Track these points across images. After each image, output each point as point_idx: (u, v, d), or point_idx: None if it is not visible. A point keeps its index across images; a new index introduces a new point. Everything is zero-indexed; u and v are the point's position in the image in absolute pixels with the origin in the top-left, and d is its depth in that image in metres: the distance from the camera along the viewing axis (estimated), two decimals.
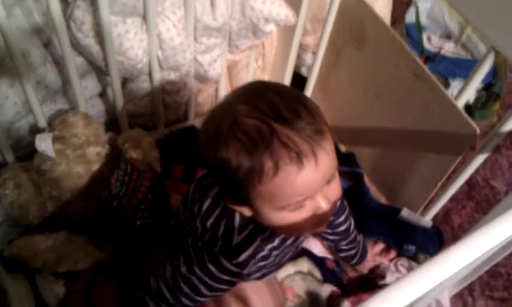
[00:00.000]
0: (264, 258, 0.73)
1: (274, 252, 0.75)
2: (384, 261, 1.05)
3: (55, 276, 0.92)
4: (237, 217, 0.71)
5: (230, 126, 0.60)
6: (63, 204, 0.91)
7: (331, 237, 0.94)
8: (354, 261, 1.01)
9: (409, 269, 1.01)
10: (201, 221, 0.75)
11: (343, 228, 0.92)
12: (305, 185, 0.59)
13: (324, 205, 0.63)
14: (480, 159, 0.89)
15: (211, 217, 0.73)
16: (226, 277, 0.73)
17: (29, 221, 0.95)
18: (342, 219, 0.91)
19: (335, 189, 0.65)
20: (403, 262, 1.02)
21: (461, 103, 0.93)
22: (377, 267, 1.05)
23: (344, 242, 0.96)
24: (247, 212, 0.66)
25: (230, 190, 0.65)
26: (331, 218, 0.90)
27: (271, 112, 0.58)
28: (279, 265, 0.85)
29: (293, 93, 0.63)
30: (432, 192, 1.04)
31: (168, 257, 0.81)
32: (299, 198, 0.61)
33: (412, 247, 1.03)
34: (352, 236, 0.95)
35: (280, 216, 0.63)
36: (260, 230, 0.71)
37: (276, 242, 0.73)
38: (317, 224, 0.65)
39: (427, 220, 1.06)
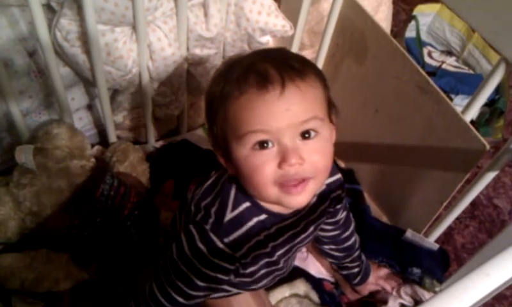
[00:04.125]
0: (260, 245, 0.71)
1: (271, 244, 0.72)
2: (386, 286, 1.01)
3: (33, 298, 0.87)
4: (232, 194, 0.70)
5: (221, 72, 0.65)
6: (43, 220, 0.88)
7: (336, 254, 0.92)
8: (357, 280, 0.97)
9: (412, 296, 0.98)
10: (196, 203, 0.72)
11: (349, 243, 0.90)
12: (266, 112, 0.59)
13: (290, 156, 0.59)
14: (489, 177, 0.85)
15: (208, 198, 0.72)
16: (218, 262, 0.68)
17: (6, 238, 0.91)
18: (348, 233, 0.88)
19: (312, 149, 0.61)
20: (406, 290, 0.98)
21: (468, 119, 0.89)
22: (378, 291, 1.01)
23: (349, 259, 0.93)
24: (230, 167, 0.67)
25: (215, 131, 0.66)
26: (337, 232, 0.87)
27: (265, 58, 0.63)
28: (277, 269, 0.80)
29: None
30: (437, 211, 1.00)
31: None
32: (260, 127, 0.59)
33: (417, 271, 0.99)
34: (357, 253, 0.93)
35: (244, 153, 0.62)
36: (254, 211, 0.69)
37: (263, 216, 0.70)
38: (283, 181, 0.61)
39: (433, 242, 1.01)
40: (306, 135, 0.61)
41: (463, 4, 0.83)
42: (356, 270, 0.95)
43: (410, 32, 1.67)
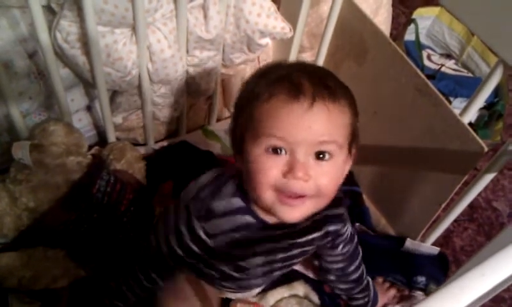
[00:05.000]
0: (235, 243, 0.71)
1: (247, 247, 0.72)
2: (389, 303, 1.00)
3: (30, 297, 0.87)
4: (229, 186, 0.71)
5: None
6: (39, 216, 0.88)
7: (344, 286, 0.90)
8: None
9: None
10: (190, 186, 0.74)
11: (356, 275, 0.88)
12: (289, 122, 0.59)
13: (298, 169, 0.60)
14: (487, 179, 0.85)
15: (203, 183, 0.73)
16: (189, 241, 0.71)
17: (2, 235, 0.91)
18: (355, 266, 0.86)
19: (322, 171, 0.62)
20: (404, 304, 0.98)
21: (466, 121, 0.89)
22: None
23: (357, 290, 0.91)
24: (239, 161, 0.67)
25: (237, 124, 0.67)
26: (342, 264, 0.85)
27: (303, 70, 0.64)
28: (245, 277, 0.79)
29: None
30: (435, 213, 1.00)
31: None
32: (280, 134, 0.60)
33: (422, 279, 0.99)
34: (365, 282, 0.91)
35: (257, 152, 0.62)
36: (242, 209, 0.70)
37: (249, 218, 0.70)
38: (282, 190, 0.62)
39: (432, 247, 1.01)
40: (321, 156, 0.61)
41: (462, 7, 0.83)
42: (366, 299, 0.93)
43: (409, 35, 1.67)
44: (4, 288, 0.86)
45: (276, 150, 0.61)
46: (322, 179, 0.62)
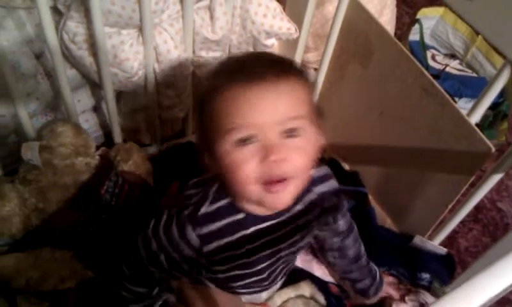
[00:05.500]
0: (232, 246, 0.70)
1: (248, 246, 0.71)
2: (393, 293, 0.99)
3: (38, 298, 0.87)
4: (214, 189, 0.71)
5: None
6: (48, 216, 0.89)
7: (341, 262, 0.90)
8: (371, 291, 0.94)
9: (418, 302, 0.97)
10: (183, 191, 0.75)
11: (354, 250, 0.88)
12: (251, 107, 0.59)
13: (274, 150, 0.59)
14: (494, 180, 0.85)
15: (194, 189, 0.74)
16: (184, 248, 0.70)
17: (11, 234, 0.91)
18: (352, 238, 0.87)
19: (295, 148, 0.61)
20: (412, 297, 0.98)
21: (473, 121, 0.88)
22: (384, 297, 0.99)
23: (355, 266, 0.91)
24: (209, 159, 0.66)
25: (201, 127, 0.68)
26: (338, 238, 0.86)
27: (256, 58, 0.68)
28: (257, 276, 0.79)
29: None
30: (441, 214, 1.00)
31: None
32: (244, 121, 0.59)
33: (426, 276, 0.98)
34: (363, 260, 0.91)
35: (226, 148, 0.61)
36: (230, 210, 0.70)
37: (241, 216, 0.70)
38: (266, 179, 0.61)
39: (440, 247, 1.01)
40: (292, 134, 0.61)
41: (467, 6, 0.82)
42: (367, 280, 0.93)
43: (414, 36, 1.67)
44: (12, 288, 0.86)
45: (245, 141, 0.60)
46: (297, 155, 0.62)
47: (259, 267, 0.77)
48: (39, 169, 0.87)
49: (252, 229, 0.71)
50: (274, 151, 0.59)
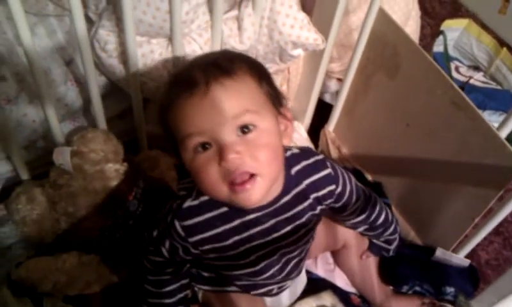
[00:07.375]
0: (217, 238, 0.73)
1: (235, 237, 0.73)
2: None
3: (63, 302, 0.88)
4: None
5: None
6: (77, 221, 0.90)
7: (371, 233, 0.93)
8: (392, 246, 0.97)
9: None
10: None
11: (380, 220, 0.90)
12: (194, 114, 0.62)
13: (226, 151, 0.61)
14: None
15: (185, 184, 0.79)
16: (175, 237, 0.74)
17: (40, 238, 0.92)
18: (375, 213, 0.88)
19: (251, 143, 0.63)
20: None
21: (503, 135, 0.88)
22: None
23: (388, 232, 0.94)
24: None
25: (167, 137, 0.71)
26: (362, 216, 0.87)
27: (194, 63, 0.69)
28: (246, 263, 0.79)
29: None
30: (468, 228, 0.99)
31: None
32: (194, 129, 0.62)
33: (451, 290, 0.98)
34: (373, 197, 0.90)
35: (189, 157, 0.65)
36: (213, 204, 0.72)
37: (224, 209, 0.71)
38: (231, 180, 0.63)
39: (463, 258, 1.00)
40: (246, 130, 0.62)
41: (494, 15, 0.82)
42: (380, 229, 0.94)
43: (437, 47, 1.66)
44: (39, 292, 0.87)
45: (204, 146, 0.63)
46: (257, 149, 0.62)
47: (252, 257, 0.77)
48: (70, 174, 0.88)
49: (237, 221, 0.72)
50: (228, 151, 0.61)
